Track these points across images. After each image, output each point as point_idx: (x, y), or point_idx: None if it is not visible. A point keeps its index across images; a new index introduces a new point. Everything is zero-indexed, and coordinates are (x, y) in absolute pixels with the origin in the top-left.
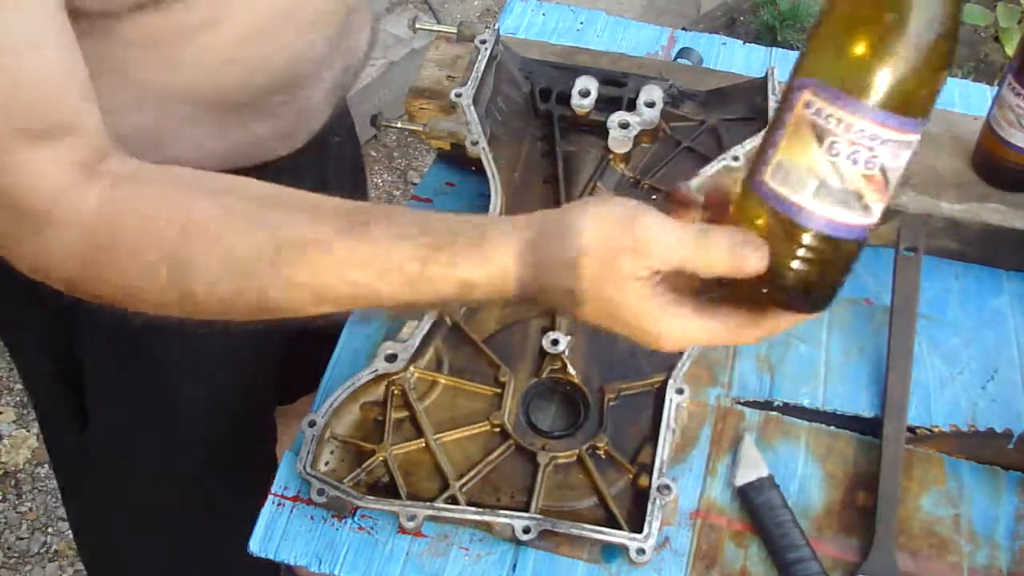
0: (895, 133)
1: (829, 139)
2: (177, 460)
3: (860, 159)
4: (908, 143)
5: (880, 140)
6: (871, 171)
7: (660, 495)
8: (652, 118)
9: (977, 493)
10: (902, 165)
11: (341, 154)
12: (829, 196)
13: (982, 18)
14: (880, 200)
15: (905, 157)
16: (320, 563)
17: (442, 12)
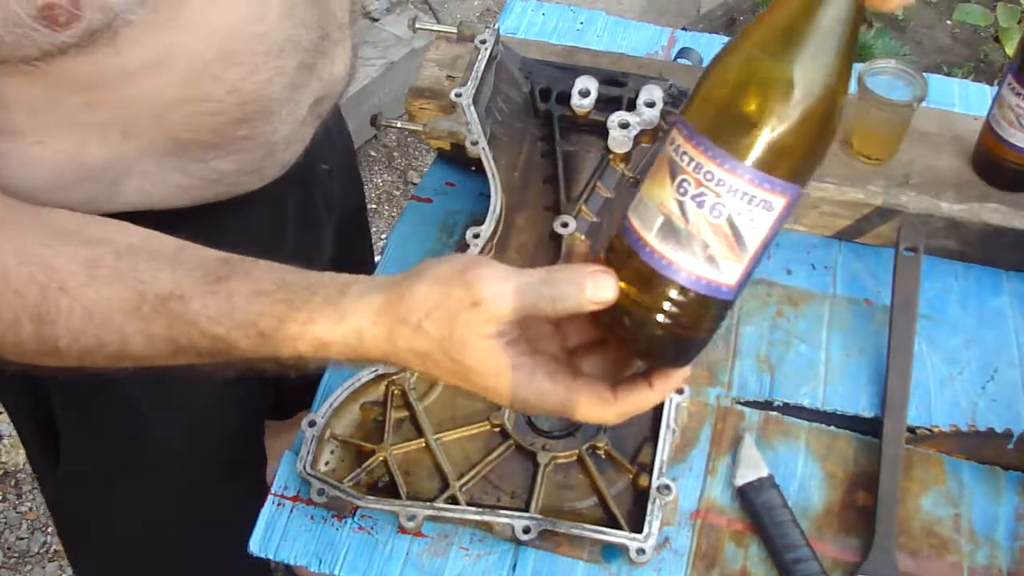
0: (746, 185)
1: (680, 176)
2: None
3: (706, 203)
4: (765, 202)
5: (728, 187)
6: (717, 219)
7: (660, 495)
8: (652, 118)
9: (977, 493)
10: (761, 229)
11: (330, 184)
12: (673, 237)
13: (982, 18)
14: (730, 257)
15: (764, 221)
16: (320, 563)
17: (442, 12)
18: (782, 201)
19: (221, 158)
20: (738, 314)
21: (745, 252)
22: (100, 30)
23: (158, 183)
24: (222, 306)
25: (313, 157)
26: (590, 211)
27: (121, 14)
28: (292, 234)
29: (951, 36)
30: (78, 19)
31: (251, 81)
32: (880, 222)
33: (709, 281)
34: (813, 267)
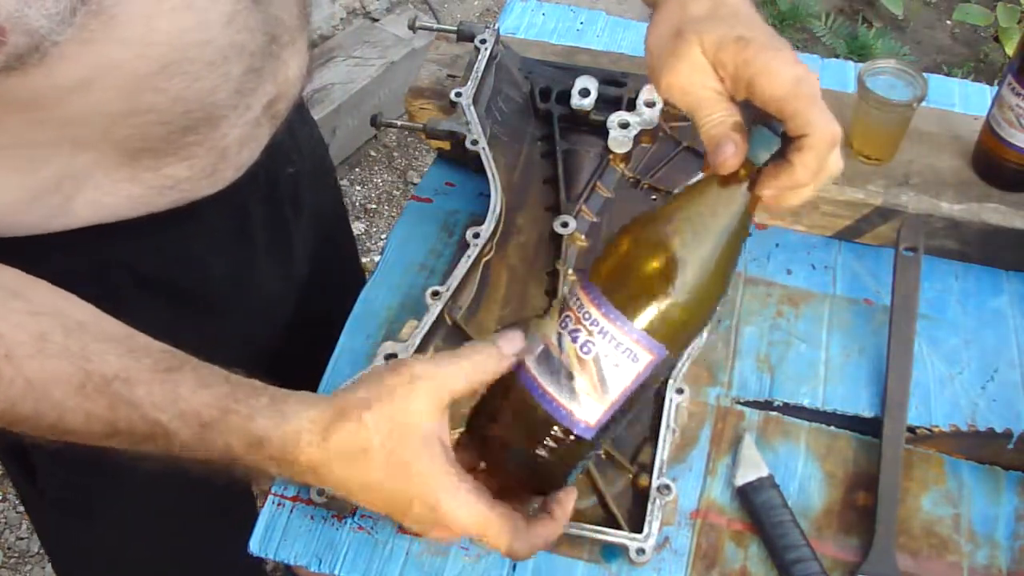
0: (617, 331)
1: (565, 312)
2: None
3: (579, 339)
4: (631, 352)
5: (600, 329)
6: (585, 355)
7: (660, 495)
8: (652, 118)
9: (977, 493)
10: (625, 377)
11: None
12: (547, 362)
13: (982, 18)
14: (591, 394)
15: (629, 370)
16: (320, 563)
17: (442, 12)
18: (648, 357)
19: (173, 165)
20: (738, 314)
21: (607, 395)
22: (27, 53)
23: (111, 194)
24: (167, 394)
25: (277, 161)
26: (590, 211)
27: (48, 36)
28: (260, 237)
29: (951, 36)
30: (2, 44)
31: (195, 89)
32: (880, 222)
33: (568, 413)
34: (813, 267)
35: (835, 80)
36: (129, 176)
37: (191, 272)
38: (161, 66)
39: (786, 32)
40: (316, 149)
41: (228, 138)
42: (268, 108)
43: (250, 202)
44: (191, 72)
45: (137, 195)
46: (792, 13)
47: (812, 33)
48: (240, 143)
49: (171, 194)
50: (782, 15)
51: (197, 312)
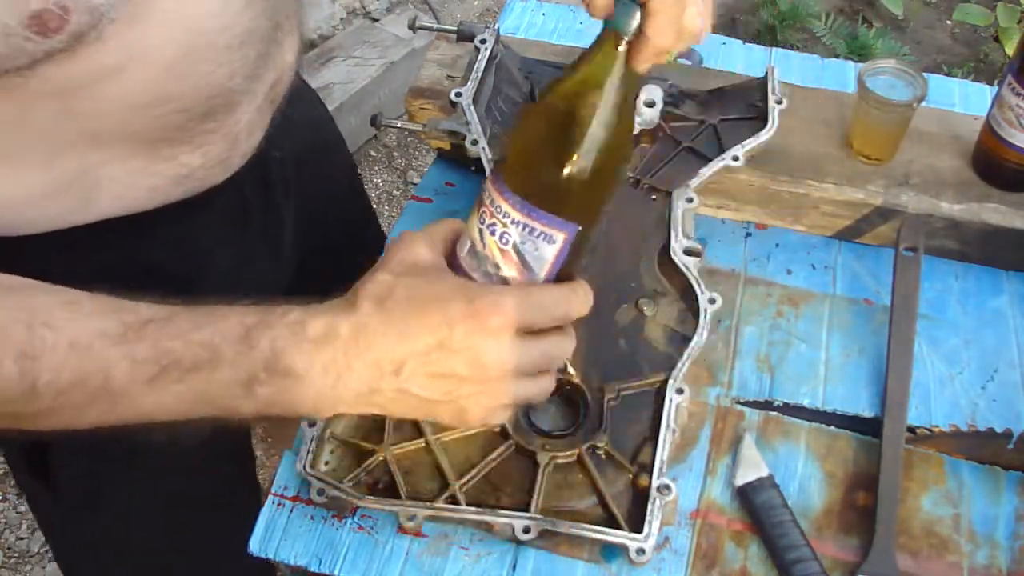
0: (524, 218)
1: (482, 209)
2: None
3: (496, 232)
4: (545, 235)
5: (511, 220)
6: (505, 246)
7: (660, 495)
8: (652, 118)
9: (977, 493)
10: (546, 258)
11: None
12: (475, 258)
13: (982, 18)
14: (516, 275)
15: (548, 251)
16: (320, 563)
17: (442, 12)
18: (561, 236)
19: (188, 154)
20: (738, 314)
21: (533, 275)
22: (86, 32)
23: (129, 187)
24: (205, 316)
25: (268, 145)
26: None
27: (107, 13)
28: (256, 218)
29: (951, 36)
30: (67, 23)
31: (216, 75)
32: (880, 222)
33: None
34: (813, 267)
35: (835, 80)
36: (145, 168)
37: (199, 265)
38: (186, 51)
39: (786, 32)
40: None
41: (240, 124)
42: (270, 92)
43: (246, 186)
44: (212, 58)
45: (153, 186)
46: (792, 13)
47: (812, 33)
48: (249, 129)
49: (185, 183)
50: (782, 15)
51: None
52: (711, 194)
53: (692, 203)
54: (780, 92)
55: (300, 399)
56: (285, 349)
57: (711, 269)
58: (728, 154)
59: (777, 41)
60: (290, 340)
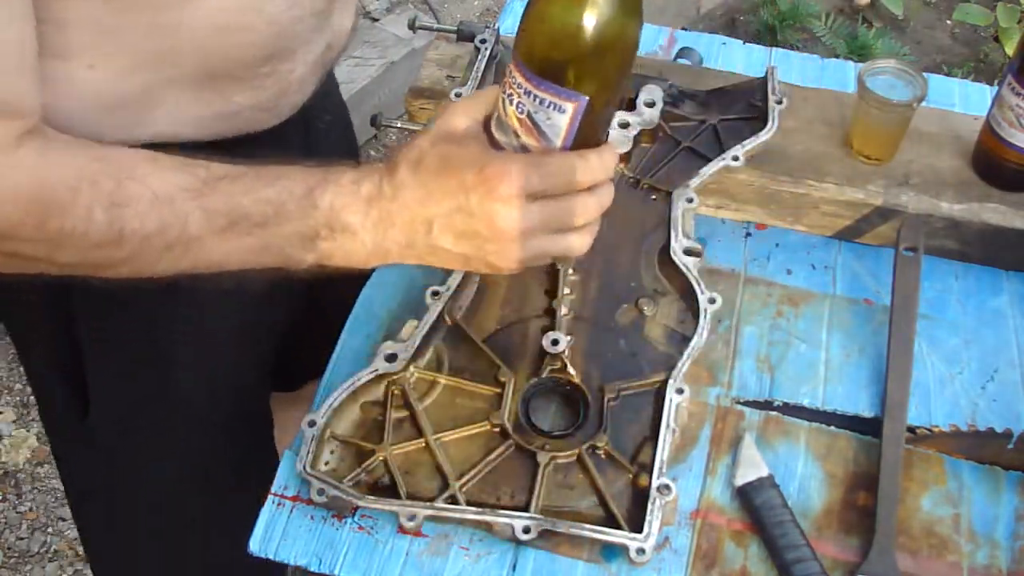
0: (534, 89)
1: (504, 80)
2: (177, 443)
3: (513, 101)
4: (556, 105)
5: (524, 90)
6: (521, 115)
7: (660, 495)
8: (652, 118)
9: (977, 493)
10: (559, 126)
11: (328, 138)
12: (499, 127)
13: (982, 18)
14: (536, 146)
15: (560, 120)
16: (320, 563)
17: (442, 12)
18: (571, 106)
19: (242, 92)
20: (738, 314)
21: (550, 143)
22: None
23: (184, 113)
24: (273, 175)
25: (314, 110)
26: None
27: None
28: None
29: (951, 36)
30: None
31: (288, 15)
32: (880, 222)
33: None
34: (813, 267)
35: (835, 80)
36: (201, 99)
37: None
38: None
39: (786, 32)
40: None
41: (294, 74)
42: (324, 53)
43: (291, 145)
44: (279, 4)
45: (207, 117)
46: (792, 13)
47: (812, 33)
48: (300, 82)
49: (234, 121)
50: (782, 15)
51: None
52: (711, 194)
53: (692, 203)
54: (780, 92)
55: (356, 251)
56: (345, 207)
57: (711, 269)
58: (728, 154)
59: (777, 41)
60: (348, 199)
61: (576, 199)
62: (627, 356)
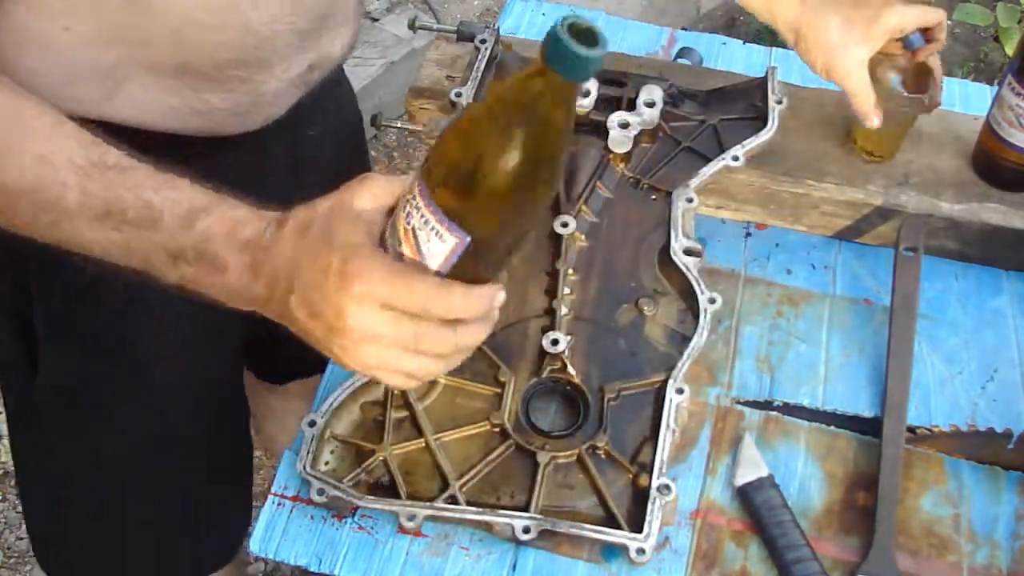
0: (424, 207)
1: (408, 192)
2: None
3: (406, 210)
4: (438, 232)
5: (416, 205)
6: (408, 226)
7: (660, 495)
8: (652, 118)
9: (977, 493)
10: (436, 251)
11: (320, 150)
12: (391, 226)
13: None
14: (412, 258)
15: (438, 247)
16: (320, 563)
17: (442, 12)
18: (452, 240)
19: (212, 92)
20: (738, 314)
21: (422, 258)
22: None
23: (155, 100)
24: (164, 183)
25: (303, 121)
26: (590, 211)
27: None
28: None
29: (951, 36)
30: None
31: (266, 28)
32: (880, 222)
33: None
34: (813, 267)
35: None
36: (173, 89)
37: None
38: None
39: None
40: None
41: (267, 86)
42: (306, 72)
43: (272, 152)
44: (267, 12)
45: (175, 109)
46: None
47: None
48: (275, 95)
49: (202, 120)
50: None
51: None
52: (711, 194)
53: (692, 203)
54: (780, 92)
55: (218, 287)
56: (219, 240)
57: (711, 269)
58: (728, 154)
59: (777, 41)
60: (223, 233)
61: (430, 326)
62: (627, 356)
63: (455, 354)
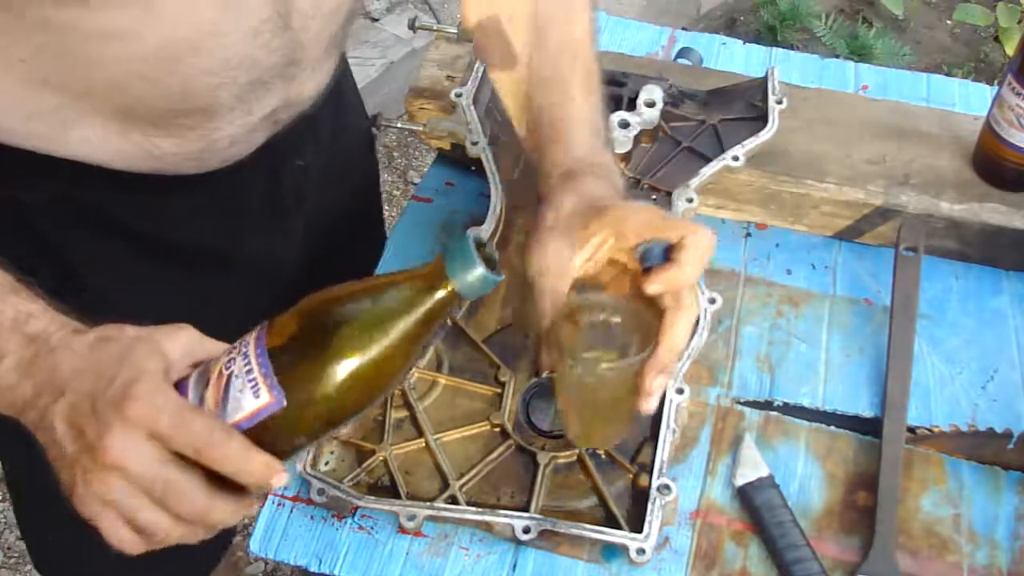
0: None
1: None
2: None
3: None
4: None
5: (244, 352)
6: (226, 369)
7: (660, 495)
8: (652, 118)
9: (977, 493)
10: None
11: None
12: (201, 372)
13: (982, 18)
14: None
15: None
16: (320, 563)
17: (442, 12)
18: (267, 396)
19: (160, 138)
20: (738, 314)
21: (222, 412)
22: None
23: (103, 141)
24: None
25: (286, 152)
26: None
27: None
28: (252, 219)
29: (951, 36)
30: None
31: (203, 82)
32: (880, 222)
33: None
34: (813, 267)
35: (835, 80)
36: (121, 132)
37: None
38: (180, 48)
39: (786, 32)
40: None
41: (220, 132)
42: (270, 116)
43: (248, 186)
44: (202, 65)
45: (124, 151)
46: (792, 13)
47: (812, 33)
48: (231, 140)
49: (155, 162)
50: (782, 15)
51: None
52: (711, 194)
53: (692, 203)
54: (780, 92)
55: None
56: (1, 325)
57: (711, 269)
58: (728, 154)
59: (777, 41)
60: (10, 319)
61: (188, 482)
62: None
63: (197, 525)
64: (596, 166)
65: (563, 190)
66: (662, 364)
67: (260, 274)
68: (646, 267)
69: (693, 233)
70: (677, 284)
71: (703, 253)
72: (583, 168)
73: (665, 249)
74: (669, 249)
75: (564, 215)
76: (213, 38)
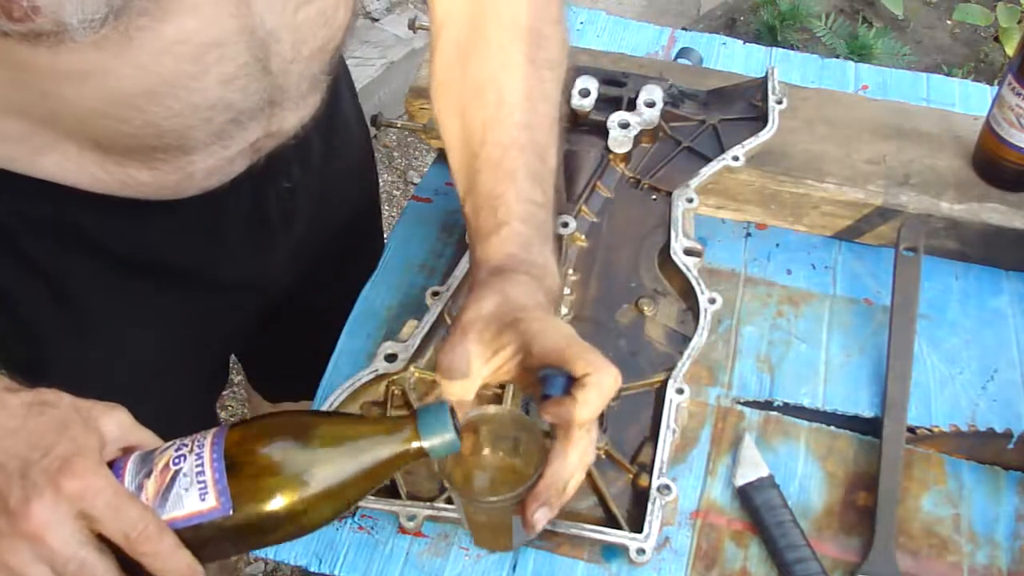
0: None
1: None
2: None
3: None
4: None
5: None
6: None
7: (660, 495)
8: (652, 118)
9: (977, 493)
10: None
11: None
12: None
13: (982, 18)
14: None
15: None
16: (320, 563)
17: None
18: (213, 502)
19: (136, 169)
20: (738, 314)
21: (160, 507)
22: (47, 35)
23: (77, 166)
24: None
25: (271, 176)
26: (590, 211)
27: (72, 34)
28: (236, 241)
29: (951, 36)
30: (31, 21)
31: (173, 122)
32: (880, 222)
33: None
34: (813, 267)
35: (835, 80)
36: (95, 160)
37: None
38: (149, 92)
39: (786, 32)
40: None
41: (195, 165)
42: (250, 147)
43: (231, 207)
44: (173, 108)
45: (99, 178)
46: (792, 13)
47: (812, 33)
48: (208, 172)
49: (131, 190)
50: (782, 15)
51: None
52: (711, 194)
53: (692, 203)
54: (780, 92)
55: None
56: None
57: (711, 269)
58: (728, 154)
59: (777, 41)
60: None
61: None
62: (627, 356)
63: None
64: (530, 264)
65: (489, 288)
66: (542, 497)
67: (246, 293)
68: (544, 394)
69: (597, 371)
70: (568, 420)
71: (603, 394)
72: (515, 265)
73: (568, 380)
74: (572, 381)
75: (483, 315)
76: (185, 83)
